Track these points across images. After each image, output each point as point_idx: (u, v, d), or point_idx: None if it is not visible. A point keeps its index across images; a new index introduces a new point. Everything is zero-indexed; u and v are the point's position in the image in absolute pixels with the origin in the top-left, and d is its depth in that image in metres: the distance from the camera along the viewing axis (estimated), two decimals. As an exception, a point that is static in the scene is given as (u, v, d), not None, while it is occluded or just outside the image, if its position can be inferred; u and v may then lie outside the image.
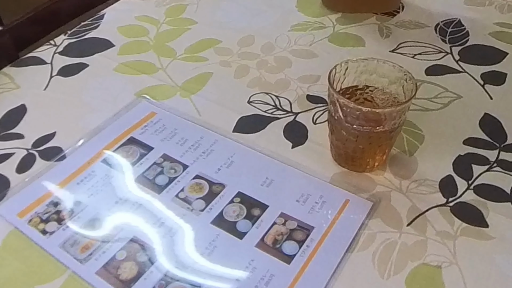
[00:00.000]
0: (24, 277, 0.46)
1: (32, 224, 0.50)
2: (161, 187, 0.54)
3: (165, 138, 0.60)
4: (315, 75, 0.70)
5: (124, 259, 0.47)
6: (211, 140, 0.60)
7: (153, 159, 0.57)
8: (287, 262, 0.47)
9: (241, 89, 0.68)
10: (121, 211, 0.52)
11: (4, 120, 0.63)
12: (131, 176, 0.55)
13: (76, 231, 0.49)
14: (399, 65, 0.53)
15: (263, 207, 0.52)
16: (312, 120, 0.63)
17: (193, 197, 0.53)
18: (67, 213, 0.51)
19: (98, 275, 0.46)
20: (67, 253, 0.48)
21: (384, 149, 0.55)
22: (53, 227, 0.50)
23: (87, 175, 0.55)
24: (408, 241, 0.49)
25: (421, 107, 0.65)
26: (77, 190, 0.54)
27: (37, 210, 0.51)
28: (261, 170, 0.56)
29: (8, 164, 0.57)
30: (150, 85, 0.69)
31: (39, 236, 0.49)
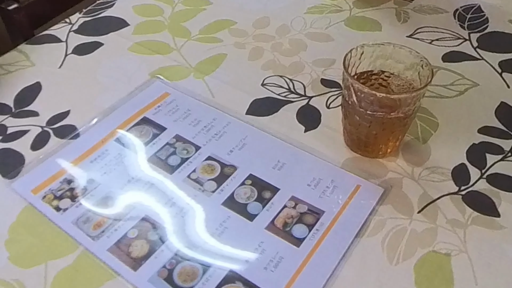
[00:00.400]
0: (38, 252, 0.47)
1: (46, 201, 0.51)
2: (173, 168, 0.54)
3: (178, 119, 0.60)
4: (330, 59, 0.70)
5: (135, 237, 0.48)
6: (224, 122, 0.60)
7: (165, 139, 0.57)
8: (297, 245, 0.47)
9: (255, 71, 0.68)
10: (133, 190, 0.52)
11: (19, 97, 0.64)
12: (144, 155, 0.56)
13: (88, 208, 0.50)
14: (416, 51, 0.52)
15: (274, 190, 0.52)
16: (325, 105, 0.63)
17: (204, 178, 0.53)
18: (80, 190, 0.52)
19: (110, 252, 0.47)
20: (79, 229, 0.48)
21: (398, 135, 0.54)
22: (67, 204, 0.51)
23: (101, 154, 0.56)
24: (418, 228, 0.49)
25: (436, 94, 0.64)
26: (91, 168, 0.54)
27: (51, 187, 0.52)
28: (273, 153, 0.56)
29: (23, 141, 0.58)
30: (164, 66, 0.69)
31: (52, 213, 0.50)
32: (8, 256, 0.46)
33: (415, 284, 0.44)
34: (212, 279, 0.44)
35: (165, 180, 0.53)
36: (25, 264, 0.46)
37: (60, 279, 0.45)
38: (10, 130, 0.59)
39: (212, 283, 0.44)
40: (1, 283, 0.44)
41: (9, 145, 0.57)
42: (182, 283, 0.44)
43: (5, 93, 0.64)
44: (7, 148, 0.57)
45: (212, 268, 0.45)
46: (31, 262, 0.46)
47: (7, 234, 0.48)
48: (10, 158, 0.56)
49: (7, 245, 0.47)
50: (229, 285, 0.44)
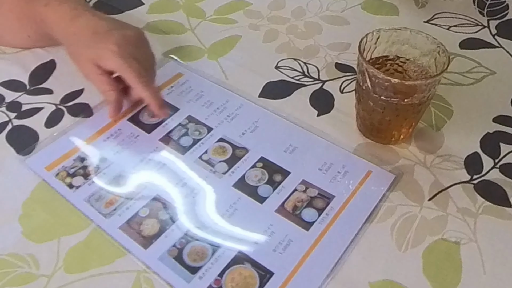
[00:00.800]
0: (51, 228, 0.48)
1: (59, 178, 0.52)
2: (185, 148, 0.54)
3: (191, 100, 0.60)
4: (345, 43, 0.69)
5: (146, 216, 0.48)
6: (236, 104, 0.60)
7: (178, 120, 0.58)
8: (306, 228, 0.47)
9: (269, 54, 0.68)
10: (145, 169, 0.53)
11: (34, 74, 0.64)
12: (156, 135, 0.56)
13: (101, 186, 0.51)
14: (433, 37, 0.52)
15: (285, 174, 0.52)
16: (339, 89, 0.62)
17: (216, 160, 0.53)
18: (93, 168, 0.52)
19: (121, 230, 0.47)
20: (92, 207, 0.49)
21: (411, 122, 0.54)
22: (79, 181, 0.51)
23: (113, 133, 0.56)
24: (428, 216, 0.49)
25: (452, 81, 0.63)
26: (104, 147, 0.55)
27: (64, 164, 0.53)
28: (285, 137, 0.56)
29: (37, 118, 0.58)
30: (178, 46, 0.69)
31: (65, 190, 0.51)
32: (22, 231, 0.47)
33: (423, 271, 0.45)
34: (221, 259, 0.45)
35: (177, 160, 0.53)
36: (38, 239, 0.47)
37: (72, 254, 0.46)
38: (25, 107, 0.60)
39: (221, 263, 0.44)
40: (15, 257, 0.45)
41: (24, 122, 0.58)
42: (191, 262, 0.45)
43: (20, 70, 0.64)
44: (22, 125, 0.57)
45: (221, 249, 0.46)
46: (44, 237, 0.47)
47: (21, 209, 0.49)
48: (25, 135, 0.56)
49: (20, 220, 0.48)
50: (238, 265, 0.44)
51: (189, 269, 0.44)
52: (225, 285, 0.43)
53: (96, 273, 0.44)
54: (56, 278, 0.44)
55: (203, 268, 0.44)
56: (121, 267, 0.45)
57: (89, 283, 0.43)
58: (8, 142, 0.55)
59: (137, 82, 0.53)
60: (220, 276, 0.44)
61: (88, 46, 0.55)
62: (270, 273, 0.44)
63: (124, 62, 0.53)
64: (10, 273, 0.44)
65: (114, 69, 0.54)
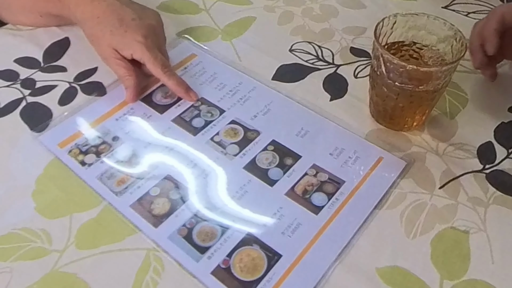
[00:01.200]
0: (63, 205, 0.48)
1: (72, 155, 0.52)
2: (197, 130, 0.55)
3: (204, 81, 0.60)
4: (361, 27, 0.68)
5: (157, 195, 0.49)
6: (249, 87, 0.59)
7: (191, 101, 0.58)
8: (315, 212, 0.47)
9: (283, 36, 0.67)
10: (156, 149, 0.53)
11: (48, 52, 0.64)
12: (169, 116, 0.56)
13: (113, 165, 0.51)
14: (451, 23, 0.51)
15: (296, 157, 0.52)
16: (353, 74, 0.62)
17: (227, 142, 0.53)
18: (105, 147, 0.53)
19: (132, 208, 0.48)
20: (103, 185, 0.50)
21: (425, 109, 0.53)
22: (92, 159, 0.52)
23: (126, 112, 0.56)
24: (438, 204, 0.48)
25: (468, 69, 0.62)
26: (116, 125, 0.55)
27: (77, 142, 0.53)
28: (297, 121, 0.56)
29: (51, 96, 0.59)
30: (192, 26, 0.68)
31: (78, 167, 0.51)
32: (35, 207, 0.48)
33: (431, 258, 0.45)
34: (230, 240, 0.45)
35: (189, 141, 0.54)
36: (50, 215, 0.47)
37: (83, 231, 0.46)
38: (39, 84, 0.60)
39: (230, 244, 0.45)
40: (28, 232, 0.46)
41: (38, 99, 0.58)
42: (200, 242, 0.45)
43: (34, 47, 0.64)
44: (36, 102, 0.58)
45: (231, 230, 0.46)
46: (57, 213, 0.47)
47: (34, 185, 0.50)
48: (39, 112, 0.57)
49: (34, 196, 0.49)
50: (246, 247, 0.45)
51: (198, 248, 0.45)
52: (233, 265, 0.44)
53: (107, 250, 0.45)
54: (67, 253, 0.45)
55: (212, 248, 0.45)
56: (131, 244, 0.45)
57: (100, 259, 0.44)
58: (22, 118, 0.56)
59: (162, 73, 0.56)
60: (228, 256, 0.44)
61: (113, 33, 0.56)
62: (278, 255, 0.44)
63: (151, 54, 0.55)
64: (24, 247, 0.45)
65: (141, 60, 0.56)
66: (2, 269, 0.44)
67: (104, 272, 0.43)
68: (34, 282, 0.43)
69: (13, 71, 0.62)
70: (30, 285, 0.42)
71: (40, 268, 0.44)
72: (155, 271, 0.43)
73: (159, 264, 0.44)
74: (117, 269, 0.44)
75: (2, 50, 0.64)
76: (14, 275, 0.43)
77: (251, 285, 0.43)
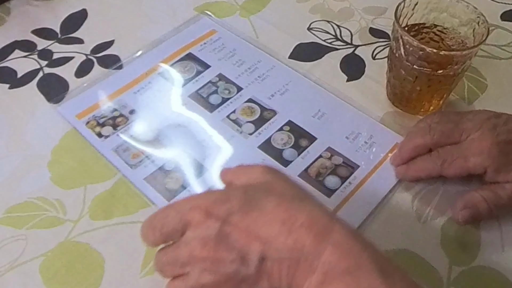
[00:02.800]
0: (78, 176, 0.49)
1: (89, 126, 0.53)
2: (214, 106, 0.55)
3: (223, 57, 0.60)
4: (381, 7, 0.67)
5: (171, 170, 0.49)
6: (268, 65, 0.59)
7: (208, 77, 0.58)
8: (328, 195, 0.47)
9: (302, 14, 0.66)
10: (173, 125, 0.53)
11: (65, 23, 0.64)
12: (186, 91, 0.56)
13: (128, 139, 0.52)
14: (474, 6, 0.50)
15: (311, 139, 0.52)
16: (371, 55, 0.61)
17: (243, 120, 0.53)
18: (122, 119, 0.53)
19: (146, 181, 0.48)
20: (119, 157, 0.50)
21: (442, 93, 0.53)
22: (108, 131, 0.52)
23: (144, 86, 0.57)
24: (451, 190, 0.48)
25: (489, 54, 0.61)
26: (133, 99, 0.55)
27: (94, 113, 0.54)
28: (315, 102, 0.55)
29: (67, 68, 0.59)
30: (210, 1, 0.68)
31: (95, 138, 0.52)
32: (50, 177, 0.49)
33: (441, 243, 0.45)
34: None
35: (205, 118, 0.54)
36: (65, 186, 0.48)
37: (97, 202, 0.47)
38: (56, 56, 0.60)
39: None
40: (44, 201, 0.47)
41: (54, 70, 0.59)
42: (212, 219, 0.45)
43: (51, 18, 0.65)
44: (52, 73, 0.58)
45: None
46: (71, 184, 0.48)
47: (50, 156, 0.50)
48: (55, 83, 0.57)
49: (49, 166, 0.50)
50: None
51: None
52: None
53: (120, 222, 0.46)
54: (81, 223, 0.45)
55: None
56: (144, 217, 0.45)
57: (113, 231, 0.45)
58: (39, 89, 0.56)
59: None
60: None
61: None
62: None
63: None
64: (39, 215, 0.46)
65: None
66: (18, 236, 0.45)
67: (117, 243, 0.44)
68: (48, 250, 0.44)
69: (31, 41, 0.62)
70: (44, 253, 0.44)
71: (55, 237, 0.45)
72: (167, 245, 0.44)
73: (171, 237, 0.45)
74: (130, 241, 0.44)
75: (20, 20, 0.65)
76: (29, 243, 0.44)
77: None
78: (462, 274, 0.43)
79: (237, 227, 0.33)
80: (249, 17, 0.65)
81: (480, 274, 0.43)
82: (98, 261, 0.43)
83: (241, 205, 0.34)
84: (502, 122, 0.45)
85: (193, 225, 0.34)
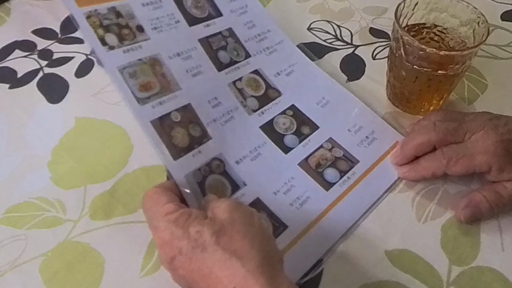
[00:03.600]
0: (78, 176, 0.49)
1: (91, 23, 0.45)
2: (222, 65, 0.51)
3: (235, 10, 0.56)
4: (382, 7, 0.67)
5: (178, 122, 0.45)
6: (277, 38, 0.57)
7: (219, 27, 0.54)
8: (326, 188, 0.47)
9: (302, 14, 0.66)
10: (180, 67, 0.48)
11: (65, 23, 0.64)
12: (196, 33, 0.51)
13: (136, 61, 0.45)
14: (474, 6, 0.50)
15: (313, 127, 0.51)
16: (371, 55, 0.61)
17: (249, 93, 0.51)
18: (129, 33, 0.47)
19: (152, 124, 0.43)
20: (125, 82, 0.44)
21: (443, 93, 0.53)
22: (113, 41, 0.45)
23: (154, 2, 0.50)
24: (451, 190, 0.48)
25: (489, 54, 0.61)
26: (142, 12, 0.48)
27: (97, 8, 0.46)
28: (320, 89, 0.54)
29: (67, 67, 0.59)
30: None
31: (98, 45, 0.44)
32: (50, 177, 0.49)
33: (441, 244, 0.45)
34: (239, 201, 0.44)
35: (212, 74, 0.50)
36: (65, 186, 0.48)
37: (97, 202, 0.47)
38: (56, 56, 0.60)
39: None
40: (44, 201, 0.47)
41: (54, 70, 0.59)
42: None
43: (52, 18, 0.65)
44: (52, 73, 0.58)
45: (241, 191, 0.45)
46: (71, 184, 0.48)
47: (50, 156, 0.50)
48: (55, 83, 0.57)
49: (49, 167, 0.50)
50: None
51: None
52: None
53: (120, 222, 0.46)
54: (81, 223, 0.45)
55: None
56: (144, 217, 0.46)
57: (113, 231, 0.45)
58: (39, 89, 0.56)
59: None
60: None
61: None
62: (284, 226, 0.44)
63: None
64: (39, 216, 0.46)
65: None
66: (17, 236, 0.45)
67: (117, 243, 0.44)
68: (48, 250, 0.44)
69: (31, 41, 0.62)
70: (44, 253, 0.44)
71: (55, 237, 0.45)
72: (166, 245, 0.44)
73: (171, 237, 0.44)
74: (130, 241, 0.44)
75: (20, 20, 0.65)
76: (29, 242, 0.44)
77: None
78: (462, 274, 0.43)
79: (184, 266, 0.35)
80: (249, 17, 0.65)
81: (480, 274, 0.43)
82: (98, 261, 0.43)
83: (191, 244, 0.35)
84: (502, 123, 0.45)
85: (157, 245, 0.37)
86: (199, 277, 0.35)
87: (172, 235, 0.36)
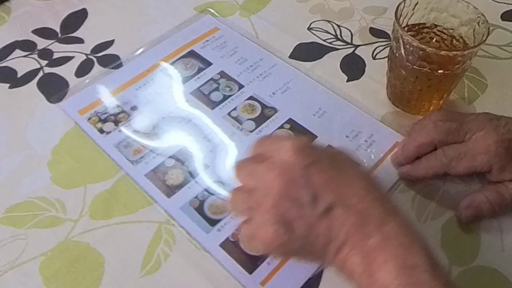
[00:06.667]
0: (78, 175, 0.49)
1: (91, 122, 0.53)
2: (215, 103, 0.55)
3: (225, 55, 0.60)
4: (382, 7, 0.67)
5: (171, 167, 0.49)
6: (270, 64, 0.59)
7: (210, 74, 0.58)
8: None
9: (302, 14, 0.66)
10: (174, 121, 0.53)
11: (65, 23, 0.64)
12: (188, 88, 0.56)
13: (130, 134, 0.52)
14: (474, 6, 0.50)
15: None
16: (371, 55, 0.61)
17: (244, 117, 0.53)
18: (124, 116, 0.53)
19: (147, 177, 0.48)
20: (120, 153, 0.50)
21: (443, 93, 0.53)
22: (110, 127, 0.52)
23: (146, 82, 0.57)
24: (452, 190, 0.48)
25: (489, 54, 0.61)
26: (135, 95, 0.55)
27: (96, 109, 0.54)
28: (316, 100, 0.55)
29: (67, 67, 0.59)
30: (211, 1, 0.68)
31: (96, 134, 0.52)
32: (51, 177, 0.49)
33: (441, 243, 0.45)
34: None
35: (206, 115, 0.54)
36: (65, 185, 0.48)
37: (97, 202, 0.47)
38: (56, 55, 0.60)
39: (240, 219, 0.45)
40: (44, 201, 0.47)
41: (55, 70, 0.59)
42: (211, 215, 0.46)
43: (52, 18, 0.65)
44: (53, 73, 0.58)
45: None
46: (71, 184, 0.48)
47: (50, 156, 0.50)
48: (55, 83, 0.57)
49: (49, 166, 0.50)
50: None
51: (209, 221, 0.45)
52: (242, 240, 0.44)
53: (120, 221, 0.46)
54: (81, 223, 0.45)
55: (222, 221, 0.45)
56: (144, 217, 0.46)
57: (113, 230, 0.45)
58: (39, 89, 0.56)
59: None
60: (238, 230, 0.44)
61: None
62: None
63: None
64: (39, 215, 0.46)
65: None
66: (17, 235, 0.45)
67: (117, 243, 0.44)
68: (48, 249, 0.44)
69: (31, 41, 0.62)
70: (44, 252, 0.44)
71: (55, 236, 0.45)
72: (166, 244, 0.44)
73: (170, 236, 0.45)
74: (130, 240, 0.44)
75: (20, 20, 0.65)
76: (29, 242, 0.44)
77: (258, 259, 0.43)
78: (462, 274, 0.43)
79: (321, 173, 0.35)
80: (250, 16, 0.65)
81: (480, 274, 0.43)
82: (98, 260, 0.43)
83: (329, 159, 0.37)
84: (503, 124, 0.45)
85: (282, 152, 0.36)
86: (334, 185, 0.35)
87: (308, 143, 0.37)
